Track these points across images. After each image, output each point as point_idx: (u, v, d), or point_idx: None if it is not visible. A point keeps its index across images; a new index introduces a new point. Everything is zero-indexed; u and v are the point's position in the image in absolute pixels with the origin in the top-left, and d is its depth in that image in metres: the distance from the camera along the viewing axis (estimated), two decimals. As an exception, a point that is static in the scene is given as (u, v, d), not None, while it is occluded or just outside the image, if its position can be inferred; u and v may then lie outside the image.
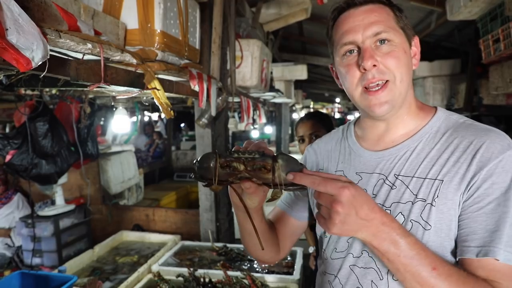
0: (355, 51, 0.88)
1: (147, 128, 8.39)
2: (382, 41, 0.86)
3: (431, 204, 0.82)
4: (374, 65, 0.85)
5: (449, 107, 4.56)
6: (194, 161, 0.84)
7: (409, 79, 0.90)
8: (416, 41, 0.94)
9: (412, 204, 0.84)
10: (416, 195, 0.85)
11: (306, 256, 2.43)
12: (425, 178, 0.85)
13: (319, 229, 1.09)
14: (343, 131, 1.10)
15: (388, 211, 0.87)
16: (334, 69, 1.00)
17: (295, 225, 1.15)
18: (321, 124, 2.08)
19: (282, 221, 1.16)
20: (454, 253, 0.82)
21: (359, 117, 1.07)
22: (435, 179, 0.83)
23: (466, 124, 0.89)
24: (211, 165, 0.78)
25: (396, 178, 0.89)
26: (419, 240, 0.80)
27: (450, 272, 0.74)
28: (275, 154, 0.79)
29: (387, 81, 0.86)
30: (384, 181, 0.91)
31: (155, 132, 8.20)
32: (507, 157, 0.79)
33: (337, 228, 0.73)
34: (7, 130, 3.75)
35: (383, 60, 0.85)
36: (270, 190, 0.84)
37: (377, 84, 0.86)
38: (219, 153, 0.79)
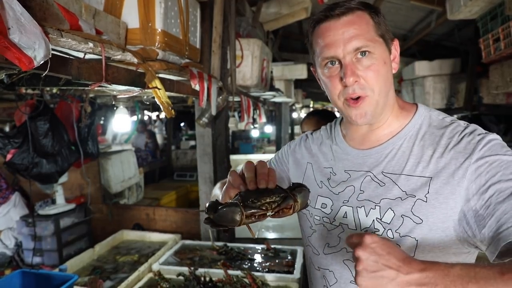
0: (336, 62, 0.91)
1: (139, 126, 8.36)
2: (363, 53, 0.88)
3: (422, 199, 0.85)
4: (356, 81, 0.88)
5: (449, 107, 4.56)
6: (209, 206, 0.80)
7: (389, 87, 0.93)
8: (395, 44, 0.95)
9: (402, 200, 0.87)
10: (405, 191, 0.88)
11: (306, 255, 2.42)
12: (413, 176, 0.88)
13: (304, 223, 1.10)
14: (331, 129, 1.13)
15: (378, 207, 0.90)
16: (315, 72, 1.02)
17: None
18: (325, 121, 2.10)
19: None
20: (453, 246, 0.83)
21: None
22: (424, 177, 0.86)
23: (445, 122, 0.94)
24: (237, 218, 0.76)
25: (384, 175, 0.92)
26: (414, 235, 0.84)
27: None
28: (292, 192, 0.81)
29: (367, 95, 0.90)
30: (371, 178, 0.94)
31: (146, 131, 8.19)
32: (488, 140, 0.84)
33: (363, 278, 0.67)
34: (8, 129, 3.74)
35: (364, 74, 0.88)
36: None
37: (358, 97, 0.90)
38: (242, 205, 0.77)
